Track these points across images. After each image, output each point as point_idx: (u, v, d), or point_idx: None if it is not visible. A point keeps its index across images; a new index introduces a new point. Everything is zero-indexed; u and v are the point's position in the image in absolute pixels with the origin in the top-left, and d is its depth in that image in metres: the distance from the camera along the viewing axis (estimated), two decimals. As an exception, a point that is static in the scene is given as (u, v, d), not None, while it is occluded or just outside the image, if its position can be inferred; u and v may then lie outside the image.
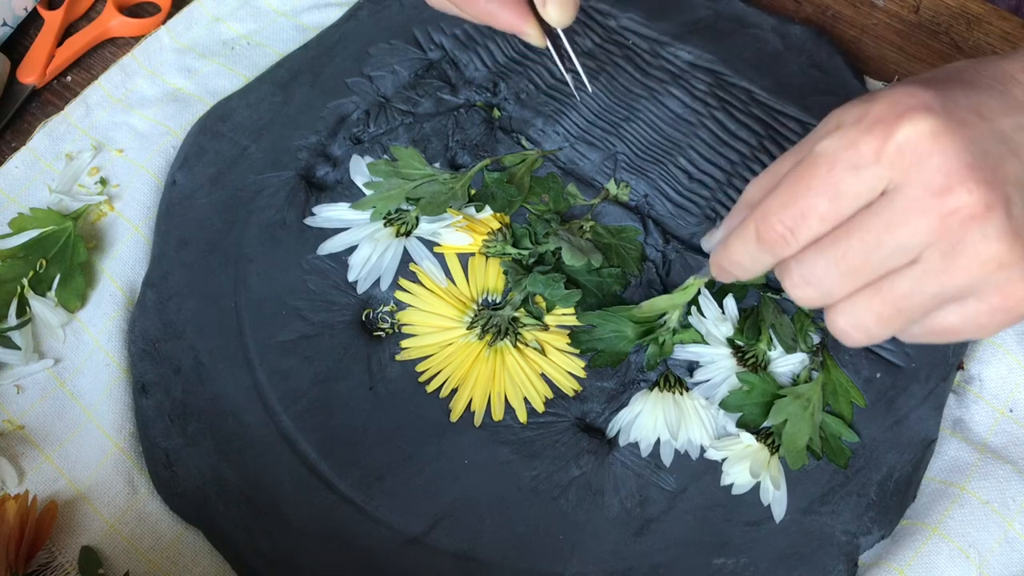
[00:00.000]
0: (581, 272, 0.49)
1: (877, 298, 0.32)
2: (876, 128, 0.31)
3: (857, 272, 0.32)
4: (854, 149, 0.31)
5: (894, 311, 0.32)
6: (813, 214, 0.32)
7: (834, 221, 0.32)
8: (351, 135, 0.55)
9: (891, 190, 0.31)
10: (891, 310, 0.32)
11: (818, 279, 0.32)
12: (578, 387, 0.47)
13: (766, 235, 0.33)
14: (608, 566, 0.44)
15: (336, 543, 0.44)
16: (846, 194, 0.31)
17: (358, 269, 0.50)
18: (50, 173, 0.55)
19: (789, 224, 0.32)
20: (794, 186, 0.32)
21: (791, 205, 0.32)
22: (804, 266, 0.32)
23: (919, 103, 0.31)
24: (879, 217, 0.31)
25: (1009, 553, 0.43)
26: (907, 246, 0.31)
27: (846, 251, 0.31)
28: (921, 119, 0.30)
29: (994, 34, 0.59)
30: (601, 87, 0.55)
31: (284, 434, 0.47)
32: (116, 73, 0.59)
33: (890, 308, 0.32)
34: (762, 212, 0.33)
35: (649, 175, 0.52)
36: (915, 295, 0.31)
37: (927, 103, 0.31)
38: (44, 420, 0.49)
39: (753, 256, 0.34)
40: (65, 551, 0.45)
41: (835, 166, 0.31)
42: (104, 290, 0.52)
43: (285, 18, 0.61)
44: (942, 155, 0.30)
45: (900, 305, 0.32)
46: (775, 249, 0.33)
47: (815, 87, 0.55)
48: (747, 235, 0.34)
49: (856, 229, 0.31)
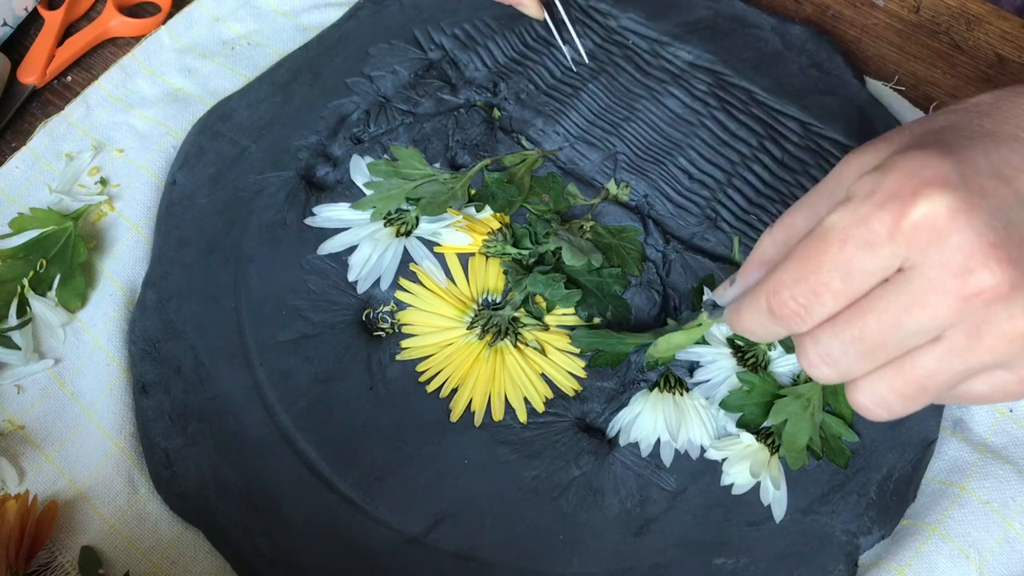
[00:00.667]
0: (581, 272, 0.49)
1: (899, 377, 0.31)
2: (890, 204, 0.29)
3: (876, 352, 0.30)
4: (866, 226, 0.29)
5: (917, 389, 0.31)
6: (826, 292, 0.30)
7: (848, 298, 0.30)
8: (351, 135, 0.55)
9: (908, 268, 0.29)
10: (914, 388, 0.31)
11: (835, 359, 0.31)
12: (578, 387, 0.47)
13: (778, 311, 0.31)
14: (608, 566, 0.44)
15: (336, 543, 0.44)
16: (860, 272, 0.30)
17: (358, 269, 0.50)
18: (50, 173, 0.55)
19: (802, 301, 0.31)
20: (805, 261, 0.31)
21: (803, 281, 0.31)
22: (820, 346, 0.31)
23: (936, 176, 0.29)
24: (897, 297, 0.29)
25: (1009, 553, 0.43)
26: (928, 327, 0.29)
27: (863, 332, 0.30)
28: (938, 195, 0.28)
29: (994, 34, 0.59)
30: (601, 87, 0.55)
31: (284, 434, 0.47)
32: (116, 73, 0.59)
33: (913, 387, 0.31)
34: (774, 286, 0.31)
35: (649, 175, 0.52)
36: (939, 374, 0.30)
37: (944, 176, 0.29)
38: (44, 420, 0.49)
39: (765, 327, 0.33)
40: (65, 551, 0.45)
41: (847, 243, 0.29)
42: (104, 290, 0.52)
43: (285, 18, 0.61)
44: (961, 234, 0.28)
45: (924, 384, 0.30)
46: (788, 324, 0.32)
47: (815, 87, 0.55)
48: (759, 307, 0.32)
49: (873, 309, 0.30)
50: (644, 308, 0.49)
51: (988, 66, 0.58)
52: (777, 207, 0.51)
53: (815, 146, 0.53)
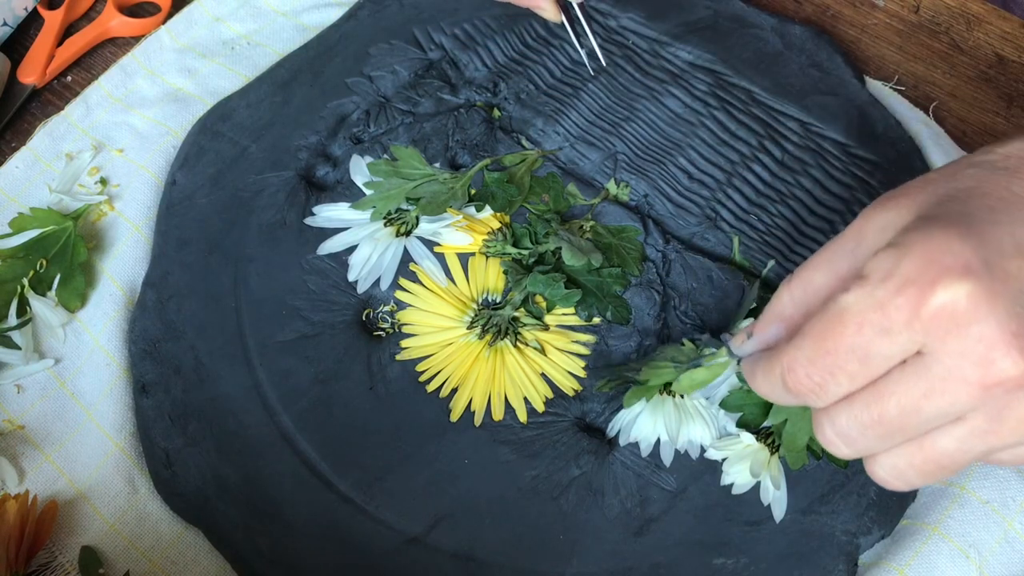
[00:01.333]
0: (581, 272, 0.49)
1: (919, 455, 0.30)
2: (908, 291, 0.28)
3: (895, 435, 0.30)
4: (883, 312, 0.28)
5: (937, 467, 0.30)
6: (842, 373, 0.30)
7: (865, 380, 0.30)
8: (351, 135, 0.55)
9: (927, 353, 0.28)
10: (934, 466, 0.30)
11: (852, 440, 0.31)
12: (578, 387, 0.47)
13: (793, 387, 0.31)
14: (608, 566, 0.44)
15: (336, 543, 0.44)
16: (877, 356, 0.29)
17: (358, 269, 0.50)
18: (50, 173, 0.55)
19: (817, 380, 0.30)
20: (821, 341, 0.30)
21: (818, 361, 0.30)
22: (837, 426, 0.31)
23: (956, 263, 0.28)
24: (916, 383, 0.29)
25: (1009, 553, 0.43)
26: (948, 412, 0.29)
27: (881, 416, 0.30)
28: (958, 283, 0.27)
29: (994, 34, 0.59)
30: (601, 87, 0.55)
31: (284, 434, 0.47)
32: (116, 73, 0.59)
33: (933, 464, 0.30)
34: (789, 362, 0.31)
35: (649, 175, 0.52)
36: (960, 454, 0.30)
37: (965, 262, 0.28)
38: (44, 420, 0.49)
39: (779, 397, 0.32)
40: (65, 551, 0.45)
41: (863, 327, 0.29)
42: (104, 290, 0.52)
43: (285, 18, 0.61)
44: (982, 324, 0.27)
45: (943, 462, 0.30)
46: (803, 399, 0.31)
47: (815, 87, 0.55)
48: (773, 378, 0.32)
49: (891, 394, 0.29)
50: (644, 308, 0.49)
51: (988, 66, 0.58)
52: (777, 207, 0.51)
53: (815, 146, 0.53)
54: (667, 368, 0.43)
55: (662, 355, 0.44)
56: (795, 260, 0.50)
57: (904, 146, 0.54)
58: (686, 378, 0.42)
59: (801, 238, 0.51)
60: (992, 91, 0.57)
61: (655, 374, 0.43)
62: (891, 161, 0.53)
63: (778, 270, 0.50)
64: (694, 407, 0.46)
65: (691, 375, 0.42)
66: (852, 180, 0.52)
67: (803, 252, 0.50)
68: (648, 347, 0.48)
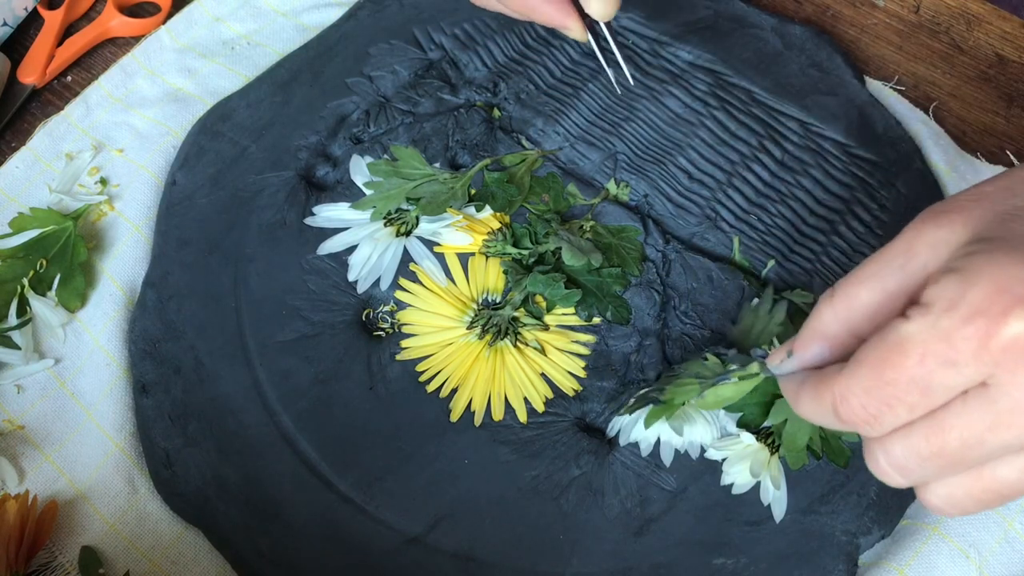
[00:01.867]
0: (581, 272, 0.49)
1: (978, 485, 0.29)
2: (976, 321, 0.27)
3: (955, 466, 0.29)
4: (949, 343, 0.27)
5: (996, 496, 0.30)
6: (900, 405, 0.28)
7: (924, 411, 0.29)
8: (351, 135, 0.55)
9: (993, 384, 0.27)
10: (992, 496, 0.30)
11: (909, 471, 0.30)
12: (578, 387, 0.47)
13: (845, 416, 0.30)
14: (608, 566, 0.44)
15: (336, 543, 0.44)
16: (939, 388, 0.28)
17: (358, 269, 0.50)
18: (50, 173, 0.55)
19: (873, 411, 0.29)
20: (879, 371, 0.28)
21: (876, 391, 0.29)
22: (892, 457, 0.30)
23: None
24: (981, 415, 0.28)
25: (1009, 553, 0.43)
26: (1012, 445, 0.28)
27: (942, 448, 0.28)
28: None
29: (994, 34, 0.59)
30: (601, 87, 0.55)
31: (284, 434, 0.47)
32: (116, 73, 0.59)
33: (991, 494, 0.30)
34: (842, 391, 0.30)
35: (649, 175, 0.52)
36: (1022, 483, 0.29)
37: None
38: (44, 420, 0.49)
39: (827, 423, 0.31)
40: (65, 551, 0.45)
41: (926, 358, 0.27)
42: (104, 290, 0.52)
43: (285, 18, 0.61)
44: None
45: (1003, 491, 0.29)
46: (855, 428, 0.30)
47: (815, 87, 0.55)
48: (822, 405, 0.31)
49: (953, 426, 0.28)
50: (644, 308, 0.49)
51: (988, 66, 0.58)
52: (777, 207, 0.51)
53: (815, 146, 0.53)
54: (692, 385, 0.41)
55: (686, 371, 0.43)
56: (795, 260, 0.50)
57: (904, 146, 0.54)
58: (711, 394, 0.40)
59: (801, 238, 0.51)
60: (992, 91, 0.57)
61: (679, 392, 0.42)
62: (891, 161, 0.53)
63: (778, 270, 0.50)
64: (694, 407, 0.46)
65: (716, 391, 0.40)
66: (852, 180, 0.52)
67: (803, 252, 0.50)
68: (648, 347, 0.48)
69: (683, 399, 0.42)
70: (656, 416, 0.43)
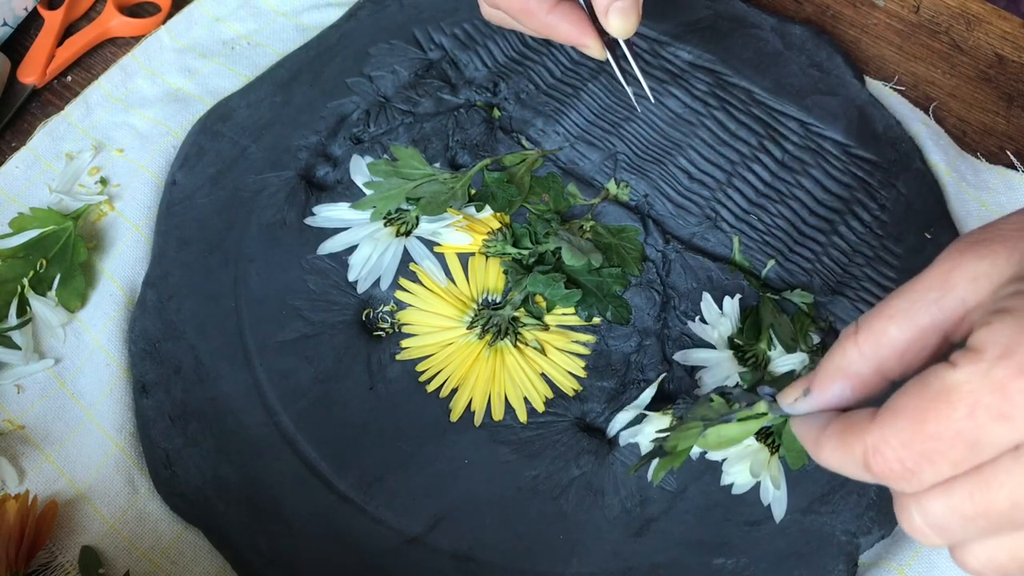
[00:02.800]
0: (581, 272, 0.49)
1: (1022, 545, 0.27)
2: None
3: (1000, 527, 0.26)
4: (1003, 395, 0.25)
5: None
6: (943, 460, 0.26)
7: (969, 466, 0.26)
8: (351, 135, 0.55)
9: None
10: None
11: (949, 532, 0.27)
12: (578, 387, 0.47)
13: (878, 469, 0.27)
14: (608, 566, 0.44)
15: (336, 543, 0.44)
16: (989, 443, 0.25)
17: (358, 269, 0.50)
18: (50, 173, 0.55)
19: (911, 465, 0.26)
20: (920, 423, 0.26)
21: (915, 445, 0.26)
22: (930, 516, 0.27)
23: None
24: None
25: (1009, 553, 0.43)
26: None
27: (988, 507, 0.26)
28: None
29: (994, 34, 0.59)
30: (601, 87, 0.55)
31: (284, 434, 0.47)
32: (116, 73, 0.59)
33: None
34: (875, 443, 0.27)
35: (649, 175, 0.52)
36: None
37: None
38: (44, 420, 0.49)
39: (854, 474, 0.28)
40: (65, 551, 0.45)
41: (976, 411, 0.25)
42: (104, 290, 0.52)
43: (285, 18, 0.61)
44: None
45: None
46: (888, 483, 0.27)
47: (815, 87, 0.55)
48: (851, 455, 0.28)
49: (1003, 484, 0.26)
50: (644, 308, 0.49)
51: (988, 66, 0.58)
52: (777, 207, 0.51)
53: (815, 146, 0.53)
54: (696, 428, 0.38)
55: (692, 415, 0.40)
56: (795, 260, 0.50)
57: (904, 146, 0.54)
58: (713, 433, 0.37)
59: (801, 238, 0.51)
60: (992, 91, 0.57)
61: (684, 438, 0.39)
62: (891, 161, 0.53)
63: (778, 270, 0.50)
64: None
65: (719, 430, 0.37)
66: (852, 180, 0.52)
67: (803, 252, 0.50)
68: (648, 347, 0.48)
69: (688, 445, 0.39)
70: (664, 467, 0.40)
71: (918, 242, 0.51)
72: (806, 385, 0.30)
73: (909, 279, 0.29)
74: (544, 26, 0.43)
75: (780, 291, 0.49)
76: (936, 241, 0.51)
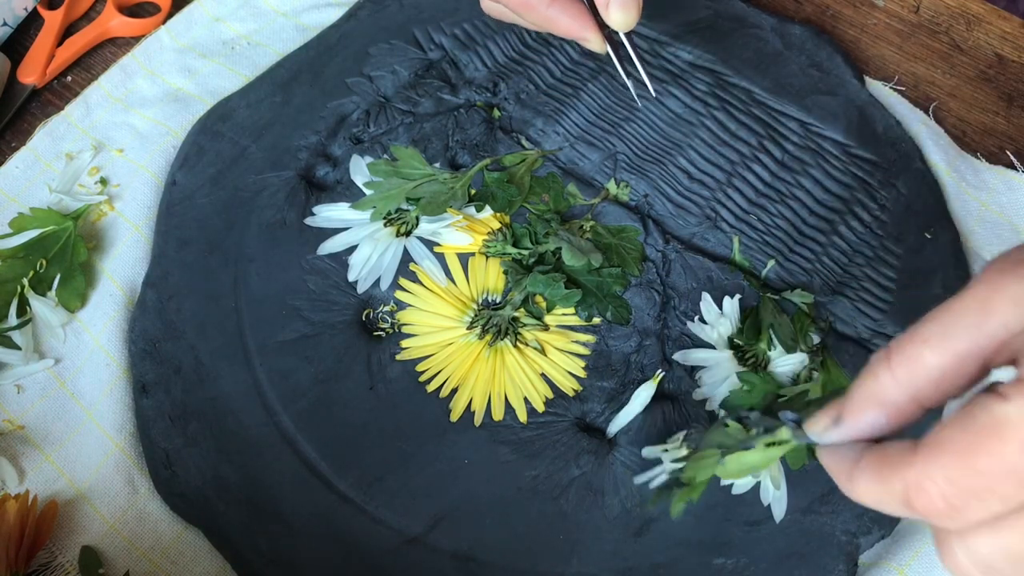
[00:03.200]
0: (581, 272, 0.49)
1: None
2: None
3: None
4: None
5: None
6: (993, 498, 0.25)
7: (1019, 503, 0.25)
8: (351, 135, 0.55)
9: None
10: None
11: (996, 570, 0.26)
12: (578, 387, 0.47)
13: (920, 506, 0.26)
14: (608, 566, 0.44)
15: (336, 543, 0.44)
16: None
17: (358, 269, 0.50)
18: (50, 173, 0.55)
19: (957, 503, 0.25)
20: (967, 458, 0.25)
21: (962, 482, 0.25)
22: (976, 555, 0.26)
23: None
24: None
25: (1009, 553, 0.43)
26: None
27: None
28: None
29: (994, 34, 0.59)
30: (601, 87, 0.55)
31: (284, 434, 0.47)
32: (116, 73, 0.59)
33: None
34: (918, 478, 0.26)
35: (649, 175, 0.52)
36: None
37: None
38: (44, 420, 0.49)
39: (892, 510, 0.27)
40: (65, 551, 0.45)
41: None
42: (104, 290, 0.52)
43: (285, 18, 0.61)
44: None
45: None
46: (930, 520, 0.26)
47: (815, 87, 0.55)
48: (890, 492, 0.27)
49: None
50: (644, 308, 0.49)
51: (988, 66, 0.58)
52: (777, 207, 0.51)
53: (815, 146, 0.53)
54: (713, 456, 0.37)
55: (707, 443, 0.38)
56: (795, 260, 0.50)
57: (904, 146, 0.54)
58: (732, 461, 0.35)
59: (801, 238, 0.51)
60: (992, 91, 0.57)
61: (700, 468, 0.37)
62: (891, 161, 0.53)
63: (778, 270, 0.50)
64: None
65: (739, 458, 0.35)
66: (852, 180, 0.52)
67: (803, 252, 0.50)
68: (648, 347, 0.48)
69: (706, 476, 0.37)
70: (683, 499, 0.38)
71: (918, 242, 0.51)
72: (836, 412, 0.29)
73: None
74: (544, 19, 0.43)
75: (780, 291, 0.49)
76: (936, 241, 0.51)
